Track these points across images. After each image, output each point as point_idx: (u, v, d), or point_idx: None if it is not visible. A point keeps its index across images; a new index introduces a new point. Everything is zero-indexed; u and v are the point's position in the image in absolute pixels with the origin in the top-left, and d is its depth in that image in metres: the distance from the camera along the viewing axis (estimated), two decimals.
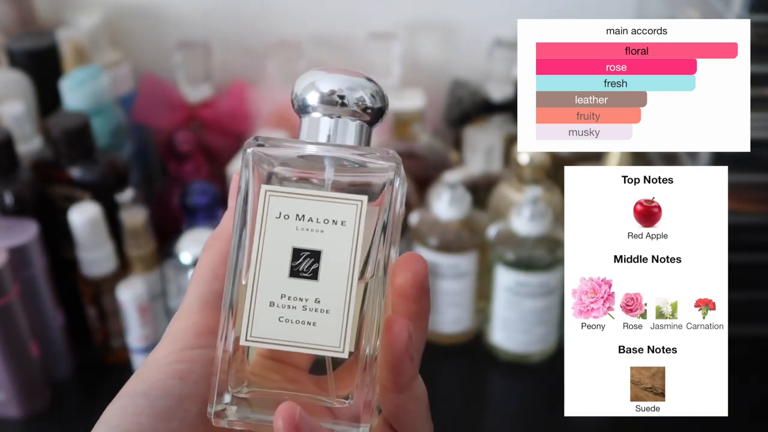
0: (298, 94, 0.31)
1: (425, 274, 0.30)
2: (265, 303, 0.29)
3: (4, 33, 0.83)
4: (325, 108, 0.31)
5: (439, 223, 0.70)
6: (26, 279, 0.66)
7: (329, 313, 0.29)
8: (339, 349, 0.29)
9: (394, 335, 0.29)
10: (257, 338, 0.29)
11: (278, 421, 0.27)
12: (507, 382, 0.72)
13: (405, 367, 0.29)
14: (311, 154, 0.30)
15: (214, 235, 0.32)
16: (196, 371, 0.29)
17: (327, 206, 0.29)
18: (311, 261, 0.29)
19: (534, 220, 0.67)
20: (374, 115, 0.31)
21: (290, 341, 0.29)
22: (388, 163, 0.30)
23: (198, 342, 0.30)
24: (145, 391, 0.29)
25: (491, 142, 0.77)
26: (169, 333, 0.31)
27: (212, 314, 0.30)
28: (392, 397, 0.30)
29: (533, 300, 0.68)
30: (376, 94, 0.31)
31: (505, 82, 0.83)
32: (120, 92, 0.85)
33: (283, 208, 0.29)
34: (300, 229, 0.29)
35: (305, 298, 0.29)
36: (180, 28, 0.89)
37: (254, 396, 0.30)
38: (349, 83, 0.31)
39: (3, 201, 0.67)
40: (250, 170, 0.30)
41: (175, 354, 0.30)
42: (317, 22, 0.89)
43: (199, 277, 0.31)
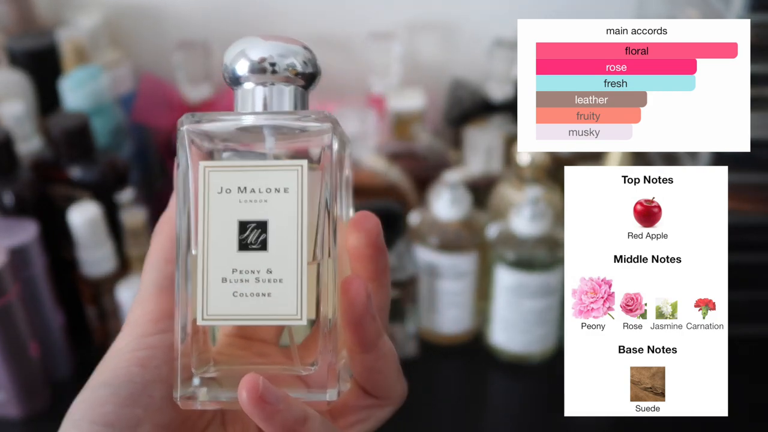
0: (228, 64, 0.31)
1: (378, 232, 0.30)
2: (218, 280, 0.29)
3: (4, 33, 0.83)
4: (257, 77, 0.30)
5: (439, 223, 0.70)
6: (26, 279, 0.66)
7: (283, 282, 0.29)
8: (297, 317, 0.29)
9: (352, 296, 0.29)
10: (214, 316, 0.29)
11: (242, 393, 0.27)
12: (507, 382, 0.72)
13: (367, 326, 0.29)
14: (250, 125, 0.30)
15: (163, 219, 0.32)
16: (157, 356, 0.29)
17: (268, 175, 0.29)
18: (259, 232, 0.29)
19: (534, 220, 0.67)
20: (307, 80, 0.31)
21: (247, 315, 0.29)
22: (323, 124, 0.29)
23: (156, 327, 0.30)
24: (107, 380, 0.29)
25: (491, 142, 0.77)
26: (128, 323, 0.31)
27: (167, 298, 0.30)
28: (360, 358, 0.30)
29: (533, 300, 0.68)
30: (308, 60, 0.30)
31: (505, 82, 0.83)
32: (120, 92, 0.85)
33: (224, 182, 0.29)
34: (243, 201, 0.29)
35: (257, 270, 0.29)
36: (180, 28, 0.89)
37: (223, 374, 0.30)
38: (279, 50, 0.30)
39: (3, 201, 0.67)
40: (187, 148, 0.29)
41: (134, 342, 0.30)
42: (317, 22, 0.89)
43: (151, 262, 0.31)
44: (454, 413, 0.68)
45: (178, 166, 0.29)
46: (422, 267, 0.70)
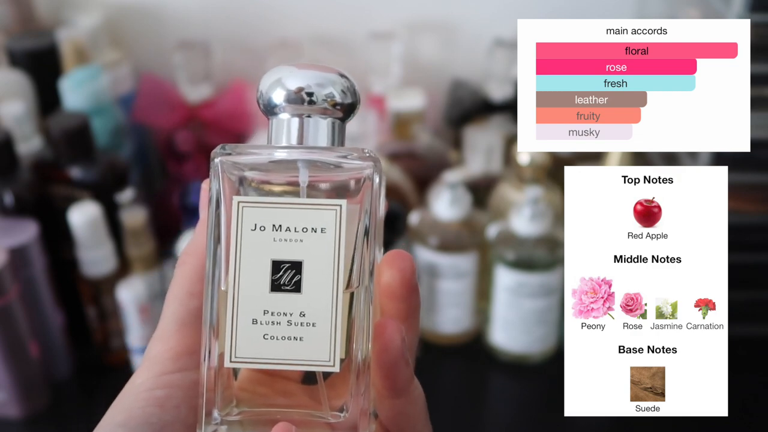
0: (263, 92, 0.29)
1: (413, 271, 0.29)
2: (248, 321, 0.28)
3: (4, 33, 0.83)
4: (294, 107, 0.29)
5: (439, 223, 0.70)
6: (26, 279, 0.66)
7: (316, 326, 0.28)
8: (329, 363, 0.28)
9: (387, 340, 0.28)
10: (242, 359, 0.28)
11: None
12: (507, 382, 0.72)
13: (401, 371, 0.29)
14: (283, 159, 0.28)
15: (187, 250, 0.30)
16: (175, 396, 0.28)
17: (304, 214, 0.28)
18: (292, 273, 0.28)
19: (534, 220, 0.67)
20: (345, 111, 0.29)
21: (277, 359, 0.28)
22: (365, 162, 0.28)
23: (176, 366, 0.29)
24: (123, 421, 0.28)
25: (491, 142, 0.77)
26: (147, 358, 0.29)
27: (189, 334, 0.29)
28: (390, 402, 0.29)
29: (533, 300, 0.68)
30: (347, 89, 0.29)
31: (505, 82, 0.83)
32: (120, 92, 0.85)
33: (258, 219, 0.28)
34: (278, 240, 0.28)
35: (289, 312, 0.28)
36: (180, 28, 0.89)
37: (245, 416, 0.29)
38: (318, 79, 0.29)
39: (3, 201, 0.67)
40: (220, 180, 0.28)
41: (152, 380, 0.29)
42: (317, 22, 0.89)
43: (174, 296, 0.30)
44: (454, 413, 0.68)
45: (210, 200, 0.28)
46: (422, 267, 0.70)
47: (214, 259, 0.28)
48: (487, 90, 0.84)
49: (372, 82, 0.87)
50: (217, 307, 0.28)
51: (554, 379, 0.69)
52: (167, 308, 0.30)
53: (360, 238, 0.28)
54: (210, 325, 0.28)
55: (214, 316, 0.28)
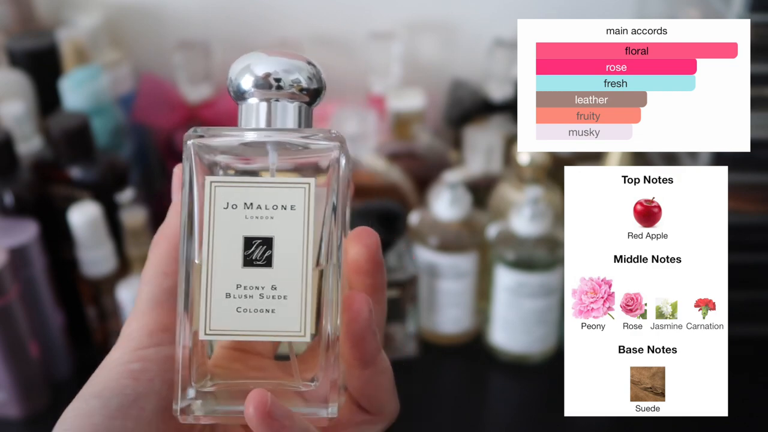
0: (233, 79, 0.31)
1: (378, 247, 0.30)
2: (222, 295, 0.29)
3: (4, 33, 0.83)
4: (262, 92, 0.30)
5: (439, 223, 0.70)
6: (26, 279, 0.66)
7: (287, 299, 0.29)
8: (300, 334, 0.29)
9: (355, 311, 0.29)
10: (216, 331, 0.29)
11: (249, 409, 0.27)
12: (507, 382, 0.72)
13: (368, 342, 0.30)
14: (253, 141, 0.30)
15: (160, 231, 0.31)
16: (150, 369, 0.29)
17: (274, 192, 0.29)
18: (264, 248, 0.29)
19: (534, 220, 0.67)
20: (312, 95, 0.31)
21: (250, 330, 0.29)
22: (332, 142, 0.29)
23: (150, 341, 0.30)
24: (98, 392, 0.29)
25: (491, 142, 0.77)
26: (122, 336, 0.31)
27: (163, 312, 0.30)
28: (358, 373, 0.30)
29: (533, 300, 0.68)
30: (313, 75, 0.30)
31: (505, 82, 0.83)
32: (120, 92, 0.85)
33: (230, 198, 0.29)
34: (249, 217, 0.29)
35: (261, 286, 0.29)
36: (180, 28, 0.89)
37: (219, 388, 0.30)
38: (285, 65, 0.30)
39: (3, 201, 0.67)
40: (192, 162, 0.29)
41: (128, 354, 0.30)
42: (317, 22, 0.89)
43: (148, 276, 0.31)
44: (454, 413, 0.68)
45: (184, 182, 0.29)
46: (422, 267, 0.70)
47: (189, 238, 0.29)
48: (487, 90, 0.84)
49: (372, 82, 0.87)
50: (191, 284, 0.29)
51: (554, 379, 0.69)
52: (142, 289, 0.31)
53: (328, 216, 0.29)
54: (185, 302, 0.29)
55: (189, 293, 0.29)
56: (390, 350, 0.70)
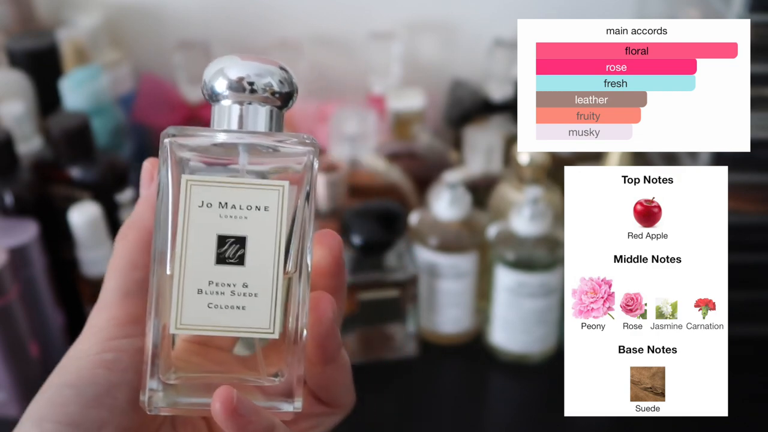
0: (207, 81, 0.32)
1: (340, 249, 0.32)
2: (193, 290, 0.29)
3: (4, 33, 0.83)
4: (235, 95, 0.31)
5: (439, 223, 0.70)
6: (26, 279, 0.66)
7: (257, 296, 0.30)
8: (269, 330, 0.30)
9: (321, 312, 0.30)
10: (187, 325, 0.30)
11: (216, 405, 0.28)
12: (507, 382, 0.72)
13: (332, 341, 0.31)
14: (225, 142, 0.30)
15: (128, 224, 0.32)
16: (123, 360, 0.30)
17: (249, 193, 0.30)
18: (237, 247, 0.30)
19: (534, 220, 0.67)
20: (283, 99, 0.31)
21: (220, 326, 0.30)
22: (305, 147, 0.30)
23: (122, 332, 0.30)
24: (71, 381, 0.29)
25: (491, 142, 0.77)
26: (90, 326, 0.31)
27: (133, 304, 0.31)
28: (320, 369, 0.32)
29: (533, 300, 0.68)
30: (285, 80, 0.31)
31: (505, 82, 0.83)
32: (120, 92, 0.85)
33: (206, 197, 0.30)
34: (224, 216, 0.30)
35: (233, 283, 0.30)
36: (180, 28, 0.89)
37: (182, 381, 0.30)
38: (257, 69, 0.31)
39: (3, 201, 0.67)
40: (169, 160, 0.30)
41: (100, 344, 0.30)
42: (317, 22, 0.89)
43: (116, 268, 0.31)
44: (454, 413, 0.68)
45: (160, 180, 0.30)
46: (422, 267, 0.70)
47: (163, 234, 0.30)
48: (487, 90, 0.84)
49: (372, 82, 0.87)
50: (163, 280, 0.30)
51: (554, 379, 0.69)
52: (110, 279, 0.31)
53: (299, 218, 0.30)
54: (156, 295, 0.30)
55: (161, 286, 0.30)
56: (390, 350, 0.70)
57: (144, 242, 0.31)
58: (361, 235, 0.66)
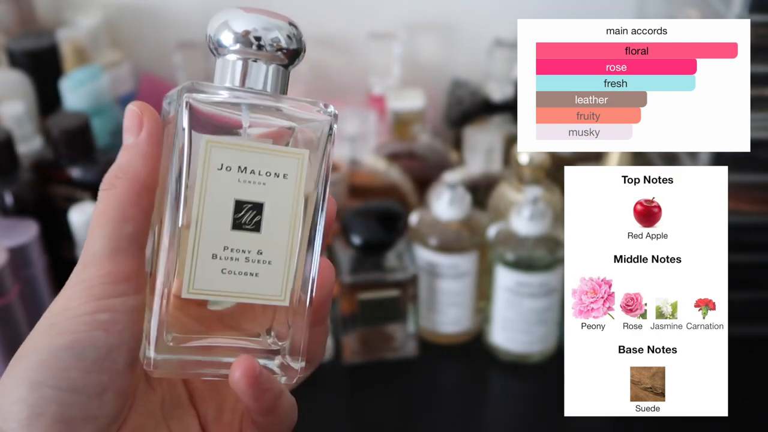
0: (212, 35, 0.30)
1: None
2: (208, 255, 0.29)
3: (4, 33, 0.83)
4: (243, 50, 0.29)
5: (439, 223, 0.70)
6: (26, 279, 0.66)
7: (271, 264, 0.30)
8: (281, 298, 0.30)
9: (325, 279, 0.31)
10: (200, 290, 0.29)
11: (236, 374, 0.28)
12: (507, 382, 0.72)
13: (327, 305, 0.32)
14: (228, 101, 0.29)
15: (115, 173, 0.30)
16: (120, 321, 0.28)
17: (270, 159, 0.29)
18: (254, 213, 0.29)
19: (534, 220, 0.67)
20: (290, 56, 0.31)
21: (233, 292, 0.29)
22: (323, 117, 0.30)
23: (116, 290, 0.29)
24: (68, 344, 0.28)
25: (491, 142, 0.77)
26: (79, 281, 0.29)
27: (125, 260, 0.29)
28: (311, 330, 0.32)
29: (533, 300, 0.68)
30: (293, 35, 0.30)
31: (505, 82, 0.83)
32: (120, 92, 0.85)
33: (225, 160, 0.29)
34: (242, 181, 0.29)
35: (248, 249, 0.29)
36: (180, 28, 0.89)
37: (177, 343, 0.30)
38: (265, 23, 0.30)
39: (3, 201, 0.67)
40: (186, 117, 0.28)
41: (93, 304, 0.28)
42: (317, 22, 0.89)
43: (106, 219, 0.29)
44: (454, 413, 0.68)
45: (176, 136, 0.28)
46: (422, 267, 0.70)
47: (176, 194, 0.29)
48: (487, 90, 0.84)
49: (372, 82, 0.87)
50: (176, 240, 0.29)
51: (554, 379, 0.69)
52: (97, 231, 0.29)
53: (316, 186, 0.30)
54: (168, 257, 0.29)
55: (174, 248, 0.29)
56: (390, 350, 0.70)
57: (134, 194, 0.29)
58: (361, 235, 0.66)
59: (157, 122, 0.30)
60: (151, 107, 0.30)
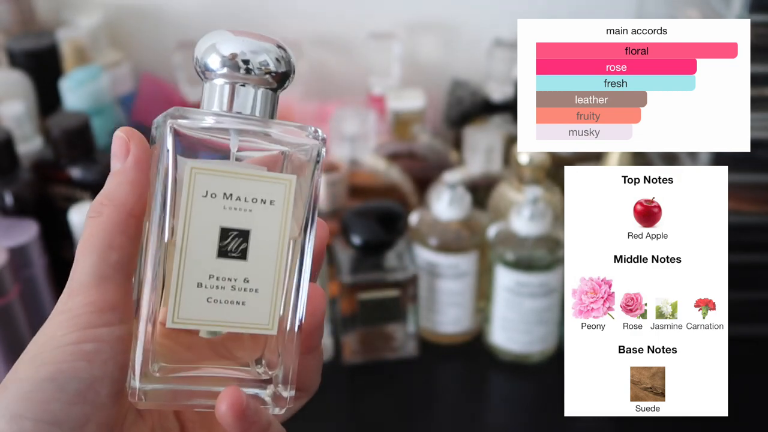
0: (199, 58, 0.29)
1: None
2: (193, 284, 0.28)
3: (4, 33, 0.83)
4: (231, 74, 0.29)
5: (439, 223, 0.70)
6: (26, 279, 0.66)
7: (258, 292, 0.29)
8: (268, 327, 0.29)
9: (316, 306, 0.31)
10: (185, 320, 0.29)
11: (222, 407, 0.28)
12: (507, 382, 0.72)
13: (319, 332, 0.32)
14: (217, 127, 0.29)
15: (101, 200, 0.29)
16: (104, 351, 0.28)
17: (256, 185, 0.29)
18: (240, 241, 0.29)
19: (534, 220, 0.67)
20: (279, 79, 0.30)
21: (219, 321, 0.29)
22: (312, 141, 0.29)
23: (101, 320, 0.28)
24: (51, 375, 0.27)
25: (491, 142, 0.77)
26: (64, 311, 0.29)
27: (111, 289, 0.29)
28: (301, 358, 0.31)
29: (533, 300, 0.68)
30: (282, 58, 0.29)
31: (505, 82, 0.83)
32: (120, 92, 0.85)
33: (210, 187, 0.28)
34: (228, 208, 0.29)
35: (234, 278, 0.29)
36: (180, 28, 0.89)
37: (164, 373, 0.29)
38: (253, 46, 0.29)
39: (3, 201, 0.67)
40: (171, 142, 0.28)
41: (77, 334, 0.28)
42: (317, 22, 0.89)
43: (92, 248, 0.29)
44: (454, 413, 0.68)
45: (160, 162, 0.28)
46: (422, 267, 0.70)
47: (160, 222, 0.28)
48: (487, 90, 0.84)
49: (372, 82, 0.87)
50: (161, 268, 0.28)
51: (554, 379, 0.69)
52: (84, 260, 0.29)
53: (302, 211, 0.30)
54: (153, 285, 0.28)
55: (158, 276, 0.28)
56: (390, 350, 0.70)
57: (121, 221, 0.29)
58: (361, 235, 0.66)
59: (145, 148, 0.29)
60: (139, 133, 0.30)
